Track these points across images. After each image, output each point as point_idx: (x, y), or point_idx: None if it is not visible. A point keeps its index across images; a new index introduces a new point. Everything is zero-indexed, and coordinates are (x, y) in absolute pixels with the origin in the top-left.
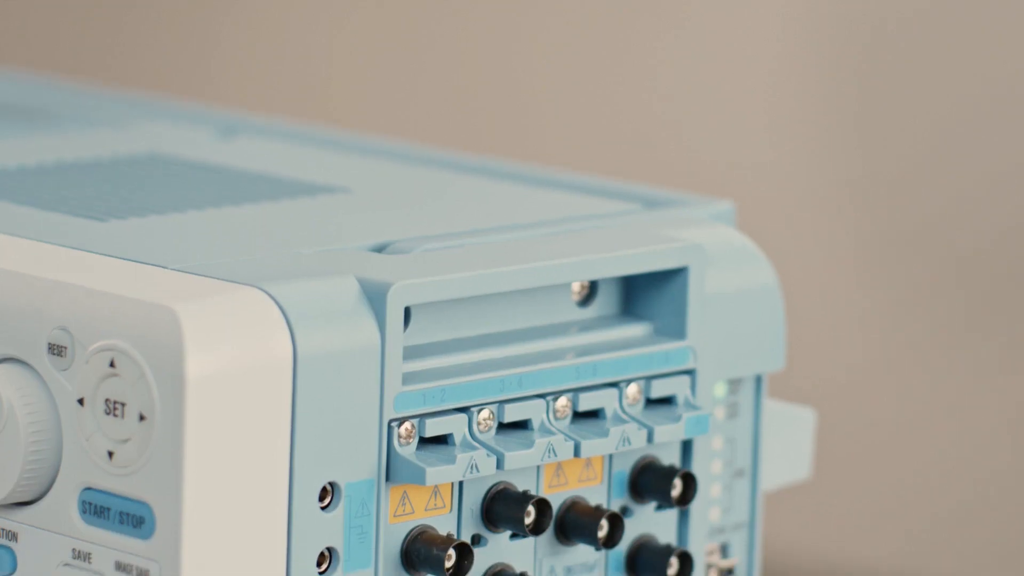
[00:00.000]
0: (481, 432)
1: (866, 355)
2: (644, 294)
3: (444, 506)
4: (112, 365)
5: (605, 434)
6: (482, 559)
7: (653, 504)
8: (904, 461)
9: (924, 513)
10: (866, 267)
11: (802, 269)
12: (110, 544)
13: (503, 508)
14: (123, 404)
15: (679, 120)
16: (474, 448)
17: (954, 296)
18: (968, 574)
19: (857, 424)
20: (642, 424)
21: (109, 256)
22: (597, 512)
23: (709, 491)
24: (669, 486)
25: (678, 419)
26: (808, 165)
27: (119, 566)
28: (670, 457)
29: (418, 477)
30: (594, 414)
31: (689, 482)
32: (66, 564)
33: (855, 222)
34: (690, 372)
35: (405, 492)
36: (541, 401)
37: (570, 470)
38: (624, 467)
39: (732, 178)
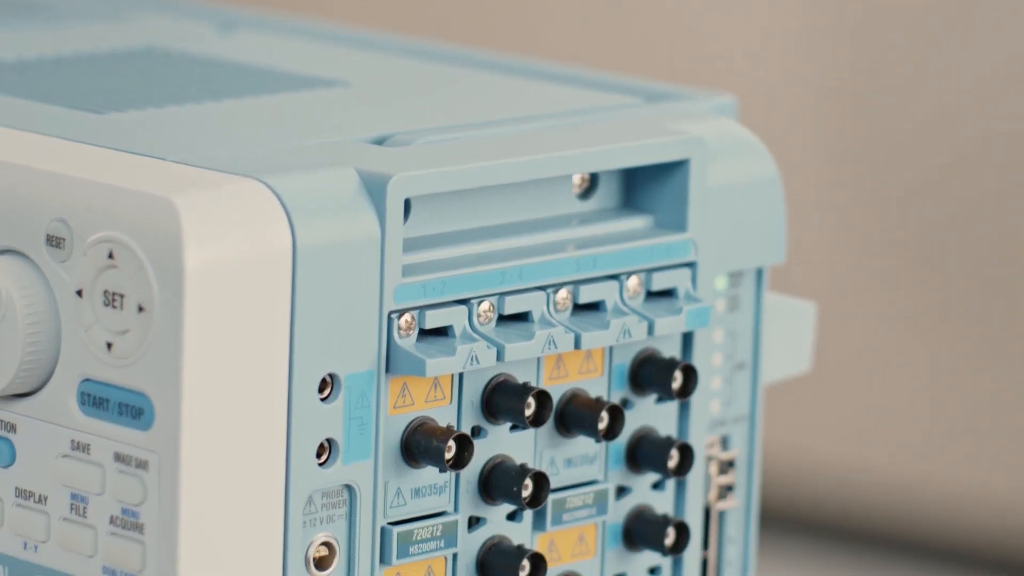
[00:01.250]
0: (481, 324)
1: (867, 251)
2: (645, 187)
3: (444, 398)
4: (111, 256)
5: (606, 326)
6: (482, 451)
7: (653, 396)
8: (903, 358)
9: (923, 408)
10: (868, 163)
11: (802, 163)
12: (109, 435)
13: (503, 400)
14: (122, 296)
15: (681, 14)
16: (474, 340)
17: (958, 194)
18: (965, 474)
19: (857, 320)
20: (643, 316)
21: (108, 148)
22: (597, 404)
23: (710, 384)
24: (670, 378)
25: (679, 311)
26: (809, 61)
27: (118, 457)
28: (671, 350)
29: (418, 368)
30: (595, 306)
31: (690, 374)
32: (65, 455)
33: (856, 118)
34: (691, 265)
35: (405, 384)
36: (541, 293)
37: (570, 362)
38: (624, 359)
39: (733, 73)
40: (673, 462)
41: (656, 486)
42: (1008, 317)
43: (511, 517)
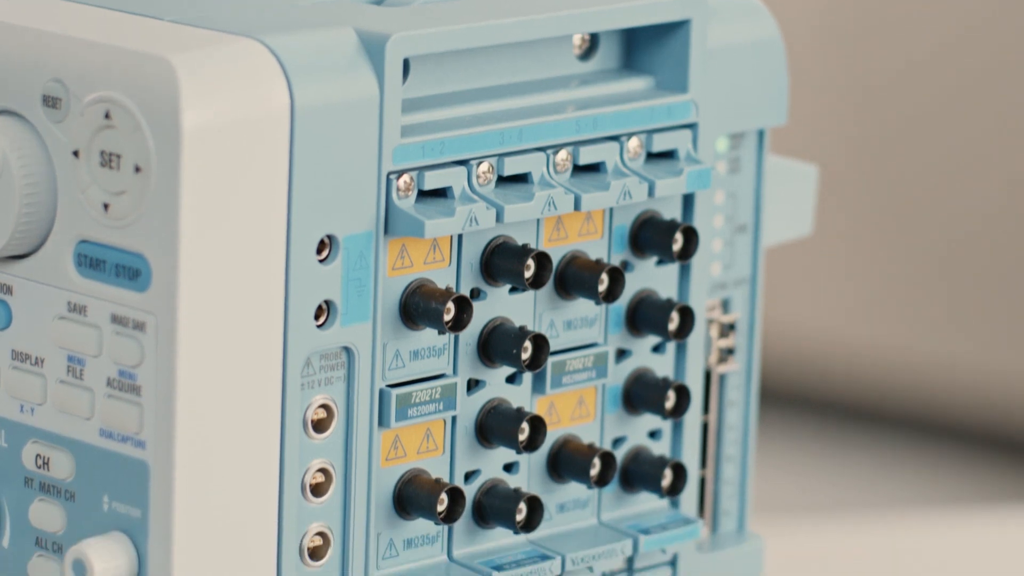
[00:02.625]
0: (480, 185)
1: (871, 113)
2: (646, 48)
3: (443, 260)
4: (107, 117)
5: (606, 187)
6: (481, 313)
7: (654, 259)
8: (905, 223)
9: (922, 277)
10: (871, 27)
11: (805, 27)
12: (106, 297)
13: (502, 261)
14: (118, 156)
15: None
16: (473, 201)
17: (962, 61)
18: (966, 348)
19: (858, 183)
20: (643, 178)
21: (105, 8)
22: (597, 266)
23: (711, 246)
24: (670, 240)
25: (679, 173)
26: None
27: (115, 318)
28: (671, 212)
29: (417, 230)
30: (595, 168)
31: (690, 236)
32: (62, 317)
33: None
34: (691, 126)
35: (404, 245)
36: (541, 154)
37: (570, 224)
38: (625, 221)
39: None
40: (673, 325)
41: (656, 349)
42: (1012, 175)
43: (510, 380)
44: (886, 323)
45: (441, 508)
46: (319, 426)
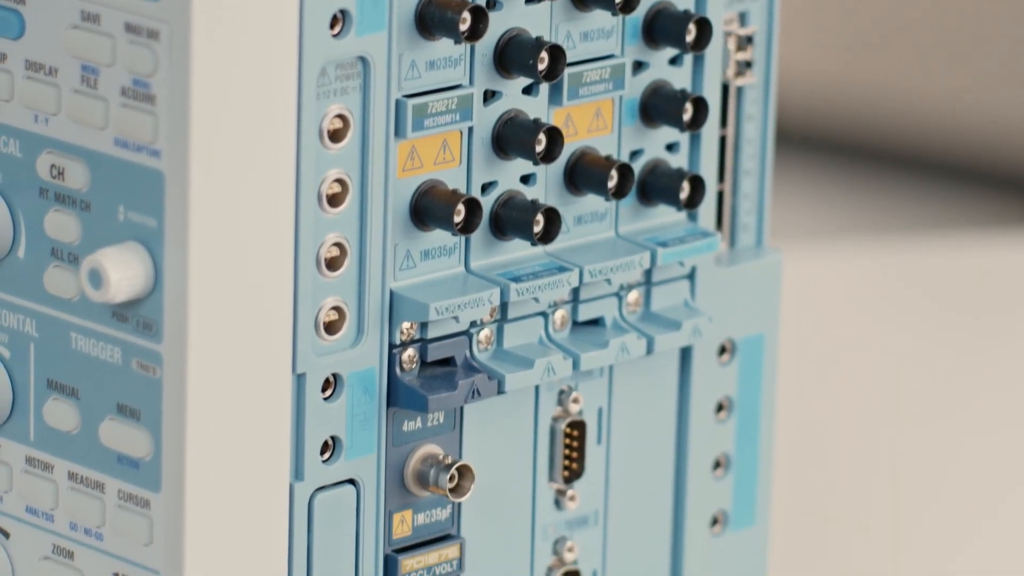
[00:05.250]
0: None
1: None
2: None
3: None
4: None
5: None
6: (497, 23)
7: None
8: None
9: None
10: None
11: None
12: (119, 5)
13: None
14: None
15: None
16: None
17: None
18: (968, 90)
19: None
20: None
21: None
22: None
23: None
24: None
25: None
26: None
27: (128, 27)
28: None
29: None
30: None
31: None
32: (75, 26)
33: None
34: None
35: None
36: None
37: None
38: None
39: None
40: (691, 36)
41: (673, 61)
42: None
43: (527, 91)
44: (891, 58)
45: (458, 219)
46: (335, 136)
